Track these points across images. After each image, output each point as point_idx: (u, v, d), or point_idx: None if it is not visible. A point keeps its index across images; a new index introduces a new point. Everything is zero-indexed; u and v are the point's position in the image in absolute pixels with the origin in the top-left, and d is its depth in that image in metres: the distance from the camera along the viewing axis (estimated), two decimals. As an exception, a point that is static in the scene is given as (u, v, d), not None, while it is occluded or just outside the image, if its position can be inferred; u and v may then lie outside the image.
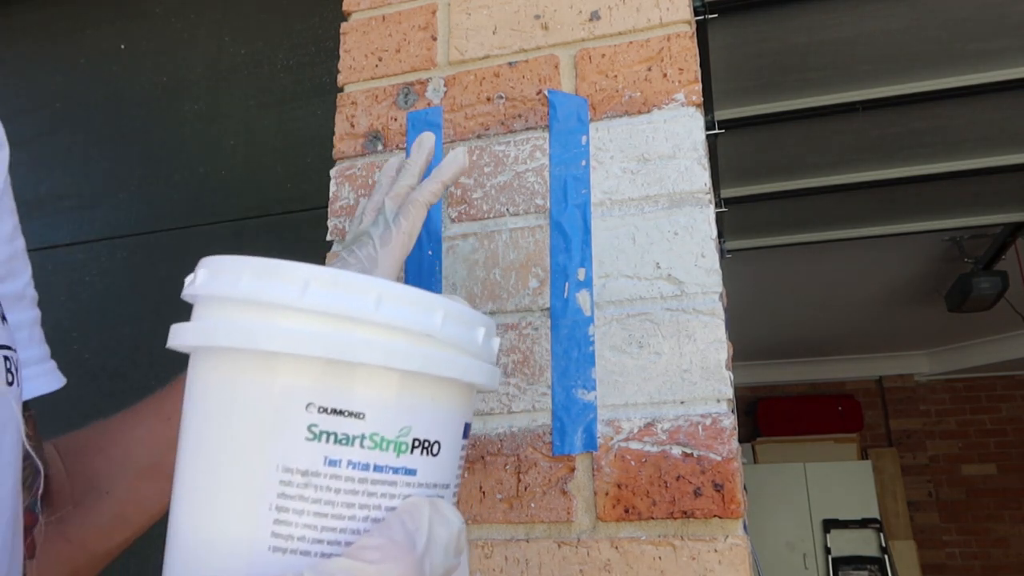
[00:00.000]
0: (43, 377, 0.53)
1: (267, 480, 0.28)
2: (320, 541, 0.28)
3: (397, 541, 0.27)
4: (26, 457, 0.49)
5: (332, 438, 0.28)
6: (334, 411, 0.28)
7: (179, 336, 0.32)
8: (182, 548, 0.29)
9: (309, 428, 0.28)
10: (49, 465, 0.55)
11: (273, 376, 0.28)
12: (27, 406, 0.51)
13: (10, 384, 0.44)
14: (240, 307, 0.29)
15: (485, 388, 0.35)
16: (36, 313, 0.55)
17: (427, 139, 0.65)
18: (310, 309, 0.28)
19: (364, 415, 0.28)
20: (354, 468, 0.28)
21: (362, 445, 0.28)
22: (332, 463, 0.28)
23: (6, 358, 0.45)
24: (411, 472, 0.30)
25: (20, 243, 0.53)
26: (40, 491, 0.51)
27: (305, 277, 0.29)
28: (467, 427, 0.34)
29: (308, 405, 0.28)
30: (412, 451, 0.30)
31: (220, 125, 1.26)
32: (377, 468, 0.29)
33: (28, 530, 0.49)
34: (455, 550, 0.29)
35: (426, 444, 0.30)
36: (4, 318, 0.47)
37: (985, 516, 5.54)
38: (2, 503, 0.43)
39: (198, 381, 0.31)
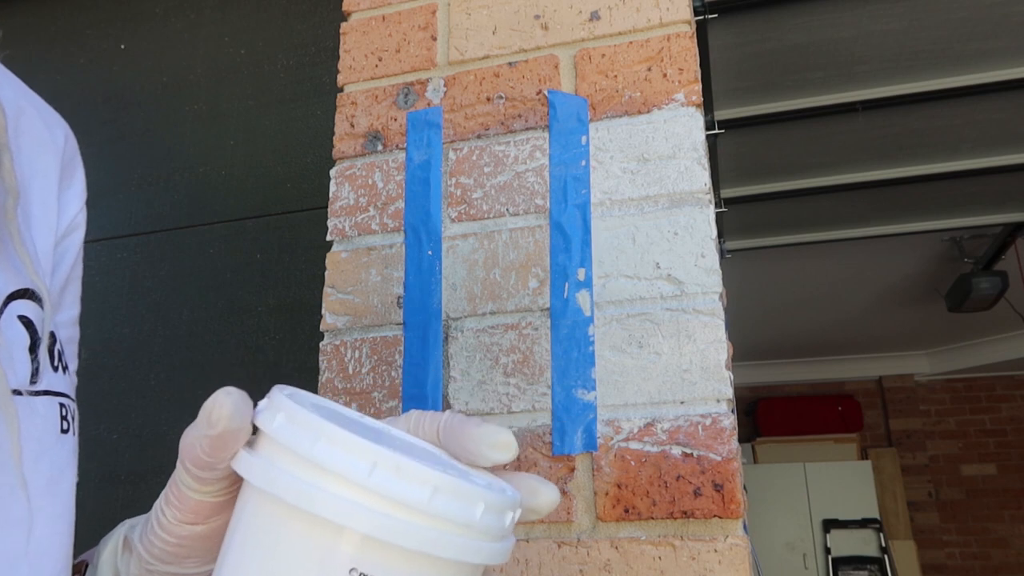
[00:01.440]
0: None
1: None
2: None
3: None
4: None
5: None
6: None
7: (248, 470, 0.34)
8: None
9: None
10: None
11: (323, 535, 0.32)
12: None
13: (64, 432, 0.44)
14: (310, 468, 0.32)
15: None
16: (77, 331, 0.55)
17: None
18: (374, 490, 0.31)
19: None
20: None
21: None
22: None
23: (62, 405, 0.45)
24: None
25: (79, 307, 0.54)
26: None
27: (374, 458, 0.32)
28: None
29: (351, 570, 0.31)
30: None
31: (220, 125, 1.26)
32: None
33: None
34: None
35: None
36: (66, 367, 0.47)
37: (985, 516, 5.55)
38: (57, 551, 0.42)
39: (253, 519, 0.34)
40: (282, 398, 0.34)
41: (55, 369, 0.45)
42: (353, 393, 0.80)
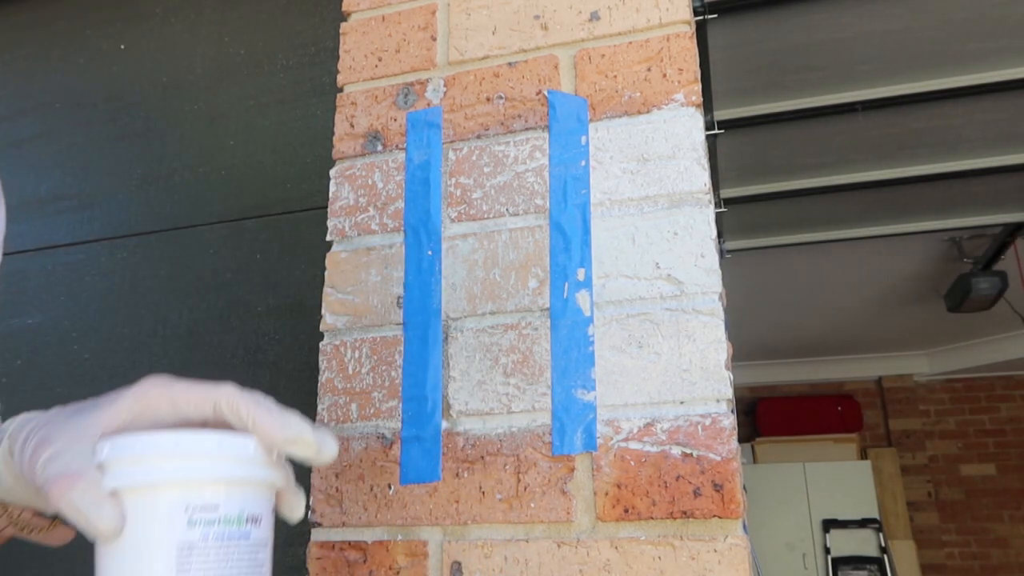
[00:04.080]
0: None
1: (169, 552, 0.47)
2: None
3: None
4: None
5: (202, 523, 0.47)
6: (201, 508, 0.48)
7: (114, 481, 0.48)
8: None
9: (188, 520, 0.47)
10: None
11: (159, 495, 0.48)
12: None
13: None
14: (137, 461, 0.48)
15: (282, 488, 0.54)
16: None
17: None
18: (183, 455, 0.48)
19: (218, 506, 0.48)
20: (216, 537, 0.48)
21: (219, 523, 0.48)
22: (204, 536, 0.47)
23: None
24: (247, 535, 0.49)
25: None
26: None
27: (175, 439, 0.49)
28: (273, 509, 0.54)
29: (187, 507, 0.47)
30: (247, 523, 0.49)
31: (220, 125, 1.26)
32: (229, 535, 0.48)
33: None
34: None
35: (254, 518, 0.50)
36: None
37: (984, 516, 5.55)
38: None
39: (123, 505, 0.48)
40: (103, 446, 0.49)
41: None
42: (353, 393, 0.80)
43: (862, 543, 4.99)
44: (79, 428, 0.49)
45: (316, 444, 0.51)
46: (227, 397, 0.51)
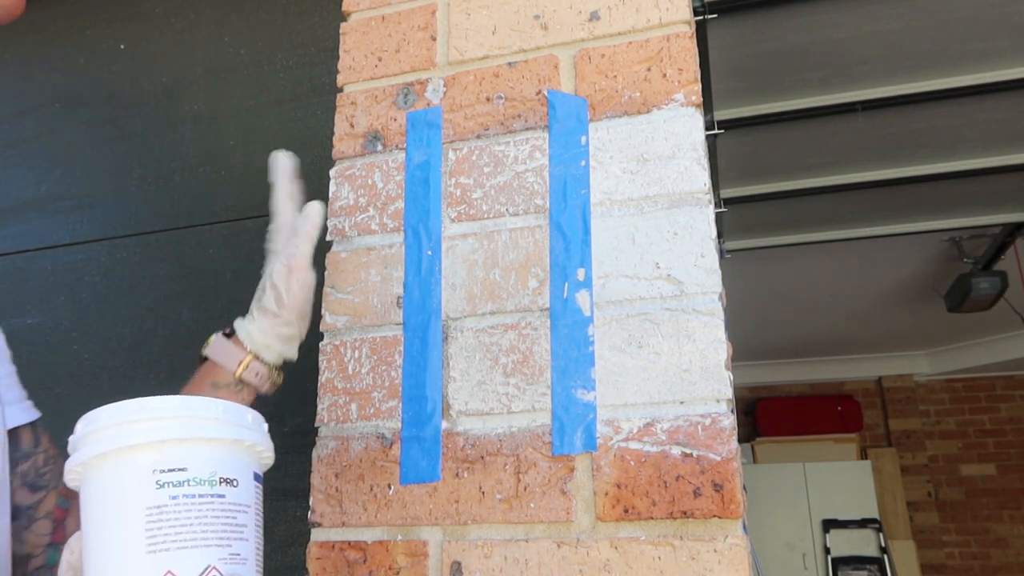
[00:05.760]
0: (23, 411, 0.70)
1: (139, 515, 0.47)
2: (175, 540, 0.47)
3: None
4: (54, 460, 0.69)
5: (170, 484, 0.48)
6: (168, 470, 0.48)
7: (73, 464, 0.50)
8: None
9: (156, 482, 0.48)
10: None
11: (126, 458, 0.49)
12: (37, 424, 0.70)
13: None
14: (105, 429, 0.50)
15: (262, 450, 0.54)
16: (13, 368, 0.72)
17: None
18: (147, 418, 0.49)
19: (187, 468, 0.48)
20: (187, 497, 0.48)
21: (189, 484, 0.48)
22: (173, 498, 0.47)
23: None
24: (221, 496, 0.49)
25: None
26: (66, 489, 0.67)
27: (140, 405, 0.50)
28: (256, 475, 0.54)
29: (154, 470, 0.48)
30: (220, 484, 0.49)
31: (220, 125, 1.26)
32: (201, 496, 0.48)
33: (60, 523, 0.67)
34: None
35: (228, 480, 0.50)
36: None
37: (984, 516, 5.54)
38: None
39: (94, 473, 0.50)
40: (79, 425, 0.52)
41: None
42: (353, 393, 0.80)
43: (862, 543, 4.99)
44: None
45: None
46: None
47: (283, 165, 0.80)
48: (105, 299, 1.21)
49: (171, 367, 1.14)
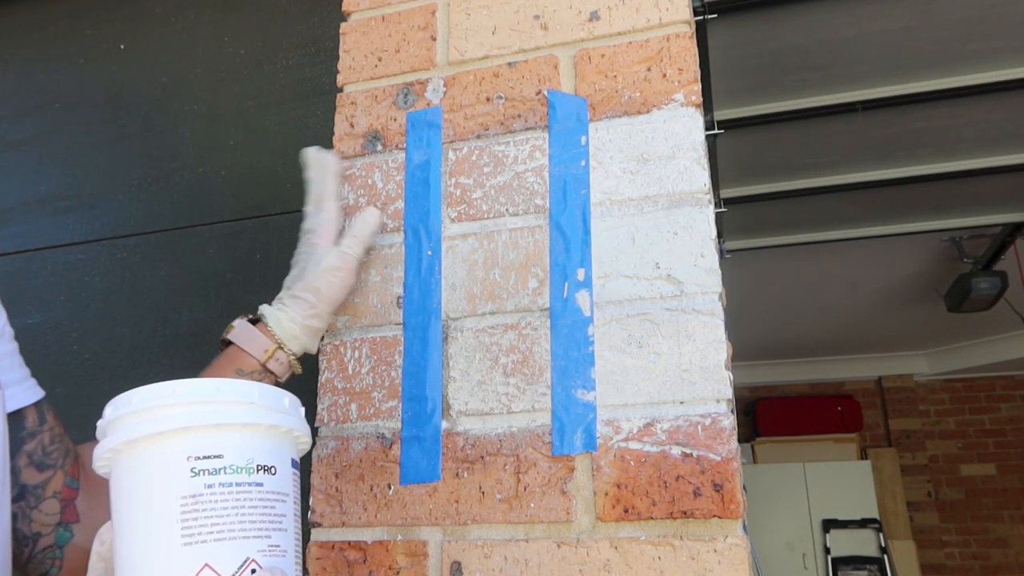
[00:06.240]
0: (27, 391, 0.68)
1: (173, 505, 0.45)
2: (212, 532, 0.44)
3: None
4: (60, 439, 0.68)
5: (205, 472, 0.45)
6: (203, 457, 0.46)
7: (103, 448, 0.48)
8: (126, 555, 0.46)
9: (191, 470, 0.45)
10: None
11: (159, 445, 0.46)
12: (42, 403, 0.69)
13: None
14: (137, 414, 0.48)
15: (299, 435, 0.52)
16: (15, 345, 0.70)
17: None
18: (180, 403, 0.47)
19: (223, 455, 0.46)
20: (223, 486, 0.45)
21: (225, 472, 0.46)
22: (209, 486, 0.45)
23: None
24: (259, 484, 0.47)
25: None
26: (73, 468, 0.67)
27: (173, 388, 0.48)
28: (294, 461, 0.52)
29: (188, 457, 0.46)
30: (257, 472, 0.47)
31: (220, 125, 1.26)
32: (238, 484, 0.46)
33: (69, 502, 0.67)
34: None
35: (266, 467, 0.47)
36: None
37: (984, 516, 5.54)
38: None
39: (125, 459, 0.48)
40: (107, 411, 0.50)
41: None
42: (353, 393, 0.80)
43: (862, 543, 4.98)
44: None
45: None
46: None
47: (333, 164, 0.81)
48: (105, 299, 1.21)
49: (171, 367, 1.14)
